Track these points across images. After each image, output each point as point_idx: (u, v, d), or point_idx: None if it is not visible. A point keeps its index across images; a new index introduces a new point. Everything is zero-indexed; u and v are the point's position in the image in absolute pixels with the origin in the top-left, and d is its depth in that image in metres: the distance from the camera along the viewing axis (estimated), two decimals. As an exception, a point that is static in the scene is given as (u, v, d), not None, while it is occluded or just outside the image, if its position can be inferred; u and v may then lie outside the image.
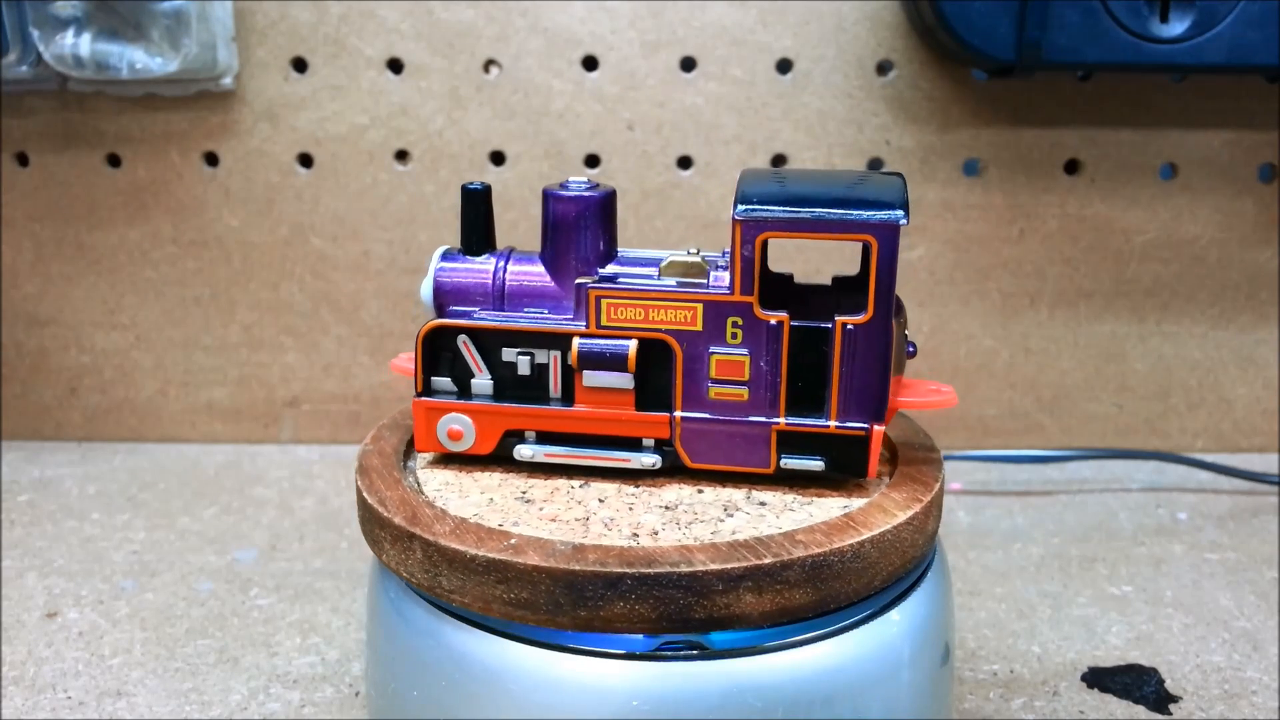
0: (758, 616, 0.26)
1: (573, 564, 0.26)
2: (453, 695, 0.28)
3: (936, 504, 0.30)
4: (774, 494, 0.30)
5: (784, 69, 0.55)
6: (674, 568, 0.26)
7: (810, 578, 0.26)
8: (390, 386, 0.61)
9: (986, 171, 0.56)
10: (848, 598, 0.27)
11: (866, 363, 0.29)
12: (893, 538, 0.28)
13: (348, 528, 0.51)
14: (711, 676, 0.26)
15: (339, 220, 0.58)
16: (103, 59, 0.53)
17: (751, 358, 0.29)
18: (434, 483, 0.32)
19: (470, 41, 0.55)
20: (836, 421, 0.30)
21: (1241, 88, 0.55)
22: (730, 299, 0.29)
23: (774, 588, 0.26)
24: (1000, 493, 0.55)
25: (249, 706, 0.37)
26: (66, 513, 0.53)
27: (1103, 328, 0.59)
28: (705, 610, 0.26)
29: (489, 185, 0.33)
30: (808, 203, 0.28)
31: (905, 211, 0.28)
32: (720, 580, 0.26)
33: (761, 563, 0.26)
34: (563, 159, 0.57)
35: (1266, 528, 0.51)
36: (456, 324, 0.31)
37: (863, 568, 0.27)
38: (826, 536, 0.27)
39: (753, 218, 0.28)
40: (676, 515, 0.29)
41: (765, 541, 0.27)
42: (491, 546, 0.27)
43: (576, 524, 0.29)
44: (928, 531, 0.29)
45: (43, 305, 0.60)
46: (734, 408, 0.30)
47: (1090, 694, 0.38)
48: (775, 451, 0.30)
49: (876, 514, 0.28)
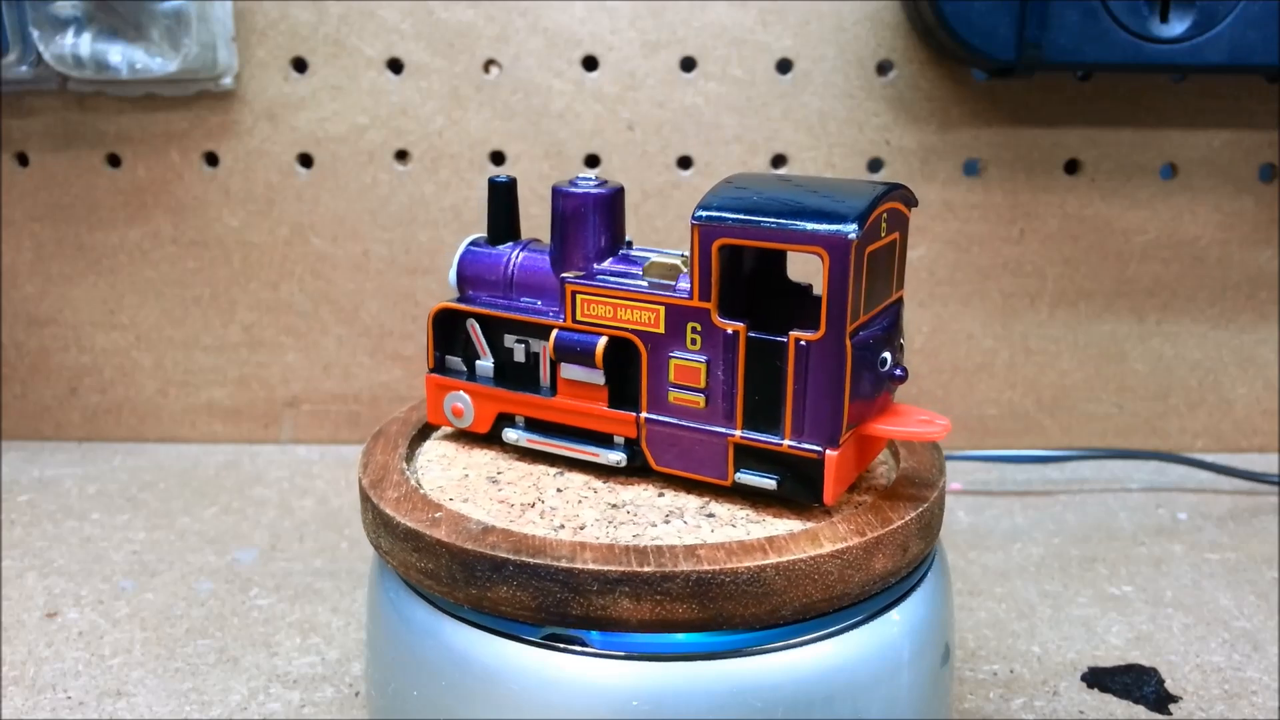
0: (636, 623, 0.26)
1: (469, 543, 0.27)
2: (453, 695, 0.28)
3: (891, 541, 0.28)
4: (729, 507, 0.29)
5: (784, 69, 0.55)
6: (555, 562, 0.26)
7: (695, 594, 0.26)
8: (390, 386, 0.61)
9: (986, 171, 0.56)
10: (746, 621, 0.26)
11: (819, 382, 0.27)
12: (808, 568, 0.26)
13: (348, 528, 0.51)
14: (711, 676, 0.26)
15: (339, 220, 0.58)
16: (103, 59, 0.53)
17: (709, 365, 0.29)
18: (432, 454, 0.33)
19: (470, 41, 0.55)
20: (790, 441, 0.28)
21: (1241, 88, 0.55)
22: (689, 304, 0.29)
23: (653, 597, 0.26)
24: (1000, 493, 0.55)
25: (249, 706, 0.37)
26: (66, 513, 0.53)
27: (1103, 328, 0.59)
28: (582, 608, 0.26)
29: (514, 178, 0.34)
30: (765, 211, 0.27)
31: (860, 225, 0.26)
32: (596, 581, 0.26)
33: (641, 570, 0.26)
34: (563, 159, 0.57)
35: (1266, 528, 0.51)
36: (459, 307, 0.33)
37: (763, 593, 0.26)
38: (729, 556, 0.26)
39: (708, 224, 0.28)
40: (615, 515, 0.29)
41: (661, 551, 0.26)
42: (416, 518, 0.28)
43: (517, 509, 0.30)
44: (872, 569, 0.27)
45: (43, 305, 0.60)
46: (693, 414, 0.29)
47: (1090, 694, 0.38)
48: (732, 464, 0.29)
49: (801, 541, 0.27)
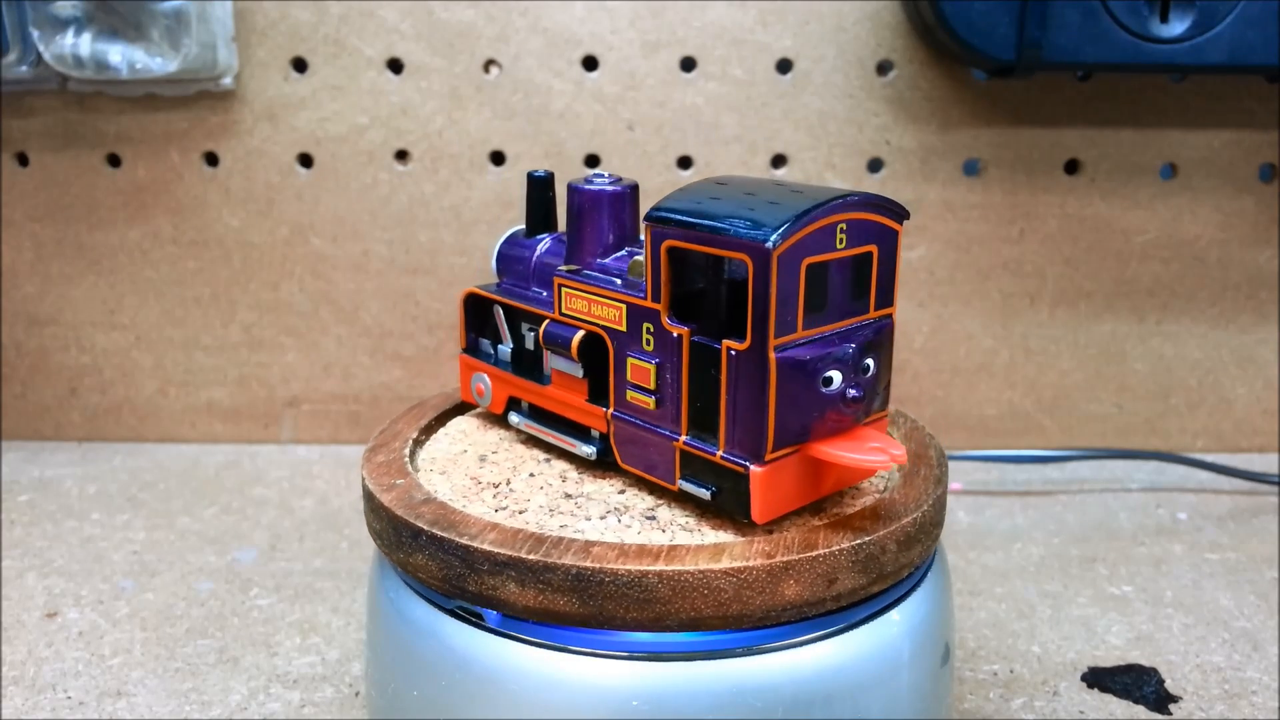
0: (522, 609, 0.27)
1: (401, 510, 0.28)
2: (453, 695, 0.28)
3: (808, 570, 0.26)
4: (676, 512, 0.29)
5: (784, 69, 0.55)
6: (458, 538, 0.27)
7: (575, 588, 0.26)
8: (390, 386, 0.61)
9: (986, 171, 0.56)
10: (632, 624, 0.26)
11: (745, 395, 0.27)
12: (696, 581, 0.26)
13: (348, 528, 0.51)
14: (711, 676, 0.26)
15: (339, 220, 0.58)
16: (103, 59, 0.53)
17: (658, 368, 0.28)
18: (455, 428, 0.36)
19: (470, 41, 0.55)
20: (724, 452, 0.27)
21: (1241, 88, 0.55)
22: (645, 304, 0.29)
23: (536, 585, 0.26)
24: (1000, 493, 0.55)
25: (249, 706, 0.37)
26: (66, 513, 0.53)
27: (1103, 328, 0.59)
28: (477, 585, 0.27)
29: (551, 173, 0.35)
30: (706, 214, 0.27)
31: (782, 234, 0.25)
32: (488, 562, 0.27)
33: (527, 558, 0.26)
34: (563, 159, 0.57)
35: (1266, 528, 0.51)
36: (482, 293, 0.35)
37: (646, 599, 0.26)
38: (619, 557, 0.26)
39: (658, 224, 0.28)
40: (562, 505, 0.30)
41: (557, 543, 0.27)
42: (382, 483, 0.30)
43: (481, 486, 0.31)
44: (782, 595, 0.26)
45: (43, 305, 0.60)
46: (646, 415, 0.29)
47: (1090, 694, 0.38)
48: (678, 470, 0.29)
49: (701, 555, 0.26)
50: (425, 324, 0.60)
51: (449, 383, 0.60)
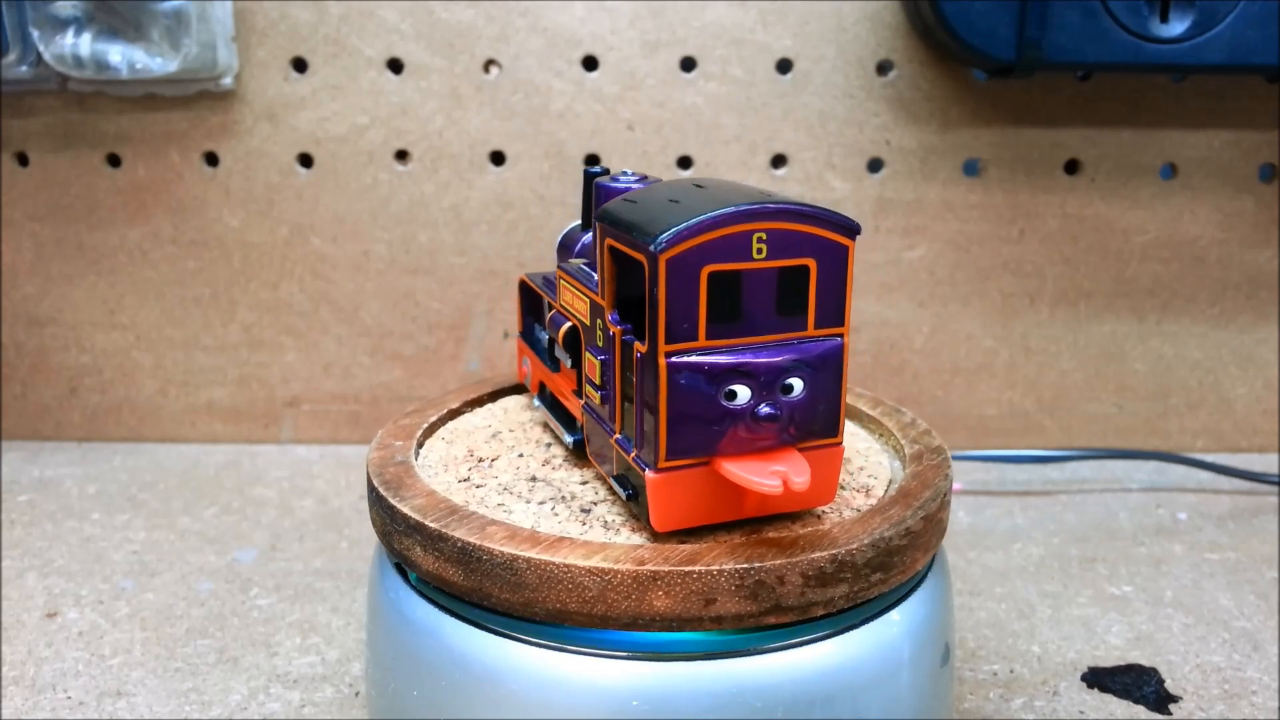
0: (425, 572, 0.28)
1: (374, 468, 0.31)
2: (453, 695, 0.28)
3: (677, 584, 0.25)
4: (615, 510, 0.29)
5: (784, 69, 0.55)
6: (389, 497, 0.29)
7: (460, 561, 0.27)
8: (390, 386, 0.61)
9: (986, 171, 0.56)
10: (500, 603, 0.27)
11: (644, 398, 0.26)
12: (559, 574, 0.26)
13: (348, 528, 0.51)
14: (711, 676, 0.26)
15: (339, 220, 0.58)
16: (103, 59, 0.53)
17: (603, 364, 0.28)
18: (499, 406, 0.38)
19: (470, 41, 0.55)
20: (636, 454, 0.27)
21: (1241, 88, 0.55)
22: (599, 300, 0.29)
23: (432, 553, 0.28)
24: (1000, 493, 0.55)
25: (249, 706, 0.37)
26: (66, 513, 0.53)
27: (1103, 328, 0.59)
28: (399, 545, 0.29)
29: (605, 169, 0.35)
30: (629, 216, 0.26)
31: (669, 240, 0.24)
32: (403, 524, 0.28)
33: (427, 525, 0.28)
34: (563, 159, 0.57)
35: (1266, 528, 0.51)
36: (526, 280, 0.37)
37: (516, 582, 0.26)
38: (508, 540, 0.27)
39: (600, 223, 0.28)
40: (519, 487, 0.31)
41: (466, 516, 0.28)
42: (382, 459, 0.32)
43: (467, 459, 0.33)
44: (650, 605, 0.25)
45: (43, 305, 0.60)
46: (598, 410, 0.29)
47: (1090, 694, 0.38)
48: (615, 466, 0.28)
49: (576, 549, 0.26)
50: (425, 324, 0.60)
51: (449, 383, 0.60)
